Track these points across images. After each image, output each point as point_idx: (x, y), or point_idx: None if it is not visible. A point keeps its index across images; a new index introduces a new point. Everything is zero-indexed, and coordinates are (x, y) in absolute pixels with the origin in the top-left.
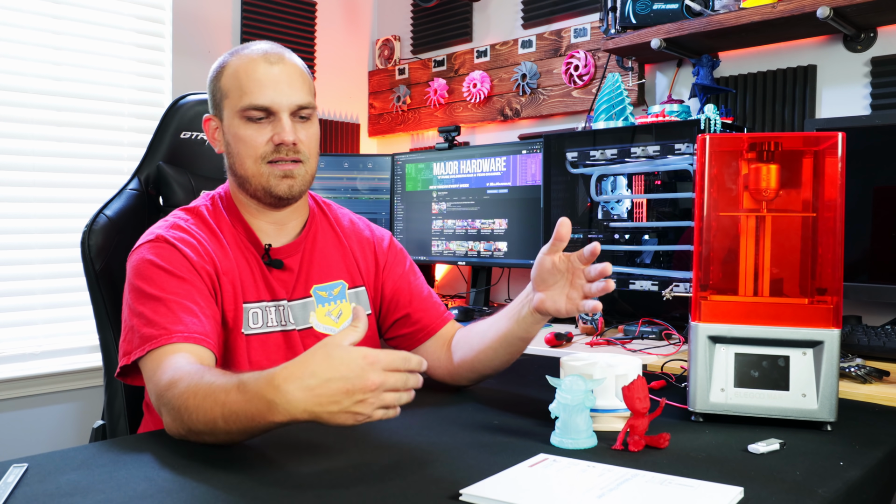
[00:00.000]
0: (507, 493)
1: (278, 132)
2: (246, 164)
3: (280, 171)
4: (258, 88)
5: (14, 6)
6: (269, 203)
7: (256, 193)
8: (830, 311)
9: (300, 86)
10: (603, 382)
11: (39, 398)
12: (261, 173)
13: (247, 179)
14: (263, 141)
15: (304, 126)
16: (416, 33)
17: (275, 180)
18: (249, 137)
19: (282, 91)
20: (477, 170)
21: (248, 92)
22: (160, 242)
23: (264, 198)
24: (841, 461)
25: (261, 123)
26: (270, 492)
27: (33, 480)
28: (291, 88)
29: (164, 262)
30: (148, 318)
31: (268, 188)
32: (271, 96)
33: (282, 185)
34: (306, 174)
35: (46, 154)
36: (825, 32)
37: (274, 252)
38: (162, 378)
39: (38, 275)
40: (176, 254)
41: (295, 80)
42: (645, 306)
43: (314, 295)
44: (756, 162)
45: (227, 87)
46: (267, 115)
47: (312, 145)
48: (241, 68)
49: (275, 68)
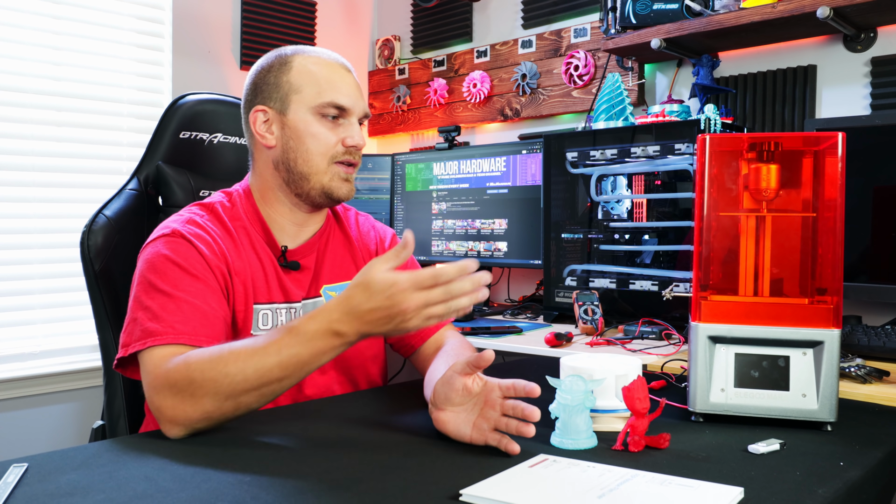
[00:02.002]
0: (507, 493)
1: (351, 135)
2: (313, 160)
3: (345, 173)
4: (339, 90)
5: (14, 6)
6: (317, 203)
7: (311, 192)
8: (830, 311)
9: (364, 95)
10: (603, 382)
11: (39, 398)
12: (326, 171)
13: (306, 176)
14: (335, 140)
15: (363, 135)
16: (416, 33)
17: (338, 181)
18: (323, 134)
19: (357, 97)
20: (477, 170)
21: (328, 90)
22: (176, 237)
23: (318, 197)
24: (841, 461)
25: (334, 123)
26: (270, 491)
27: (33, 480)
28: (362, 96)
29: (179, 257)
30: (154, 312)
31: (329, 189)
32: (351, 100)
33: (343, 187)
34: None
35: (46, 154)
36: (825, 32)
37: (290, 254)
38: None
39: (38, 275)
40: (191, 250)
41: (361, 89)
42: (645, 306)
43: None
44: (756, 162)
45: (301, 83)
46: (340, 116)
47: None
48: (317, 68)
49: (350, 75)
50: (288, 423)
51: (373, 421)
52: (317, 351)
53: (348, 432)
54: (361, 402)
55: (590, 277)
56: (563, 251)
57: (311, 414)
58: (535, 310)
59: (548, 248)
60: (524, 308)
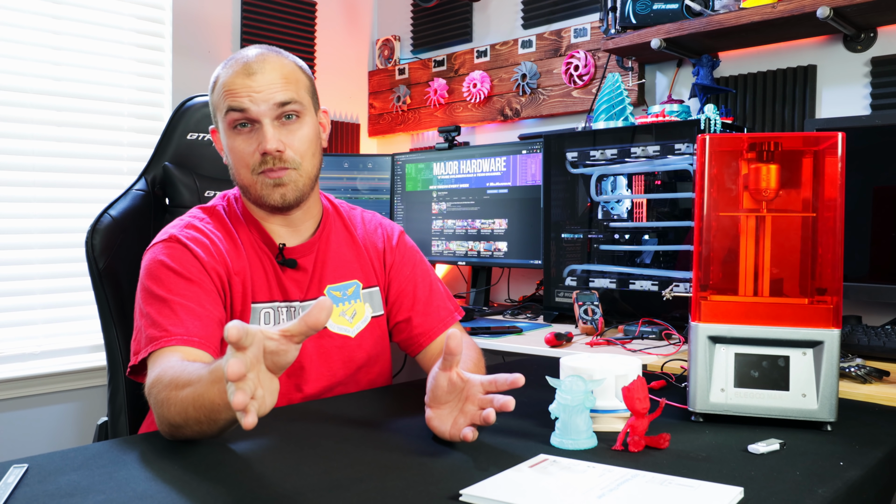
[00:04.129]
0: (507, 493)
1: (261, 141)
2: (241, 174)
3: (270, 180)
4: (236, 97)
5: (14, 6)
6: (269, 211)
7: (256, 202)
8: (830, 311)
9: (282, 84)
10: (603, 383)
11: (39, 398)
12: (254, 183)
13: (245, 189)
14: (251, 151)
15: (293, 129)
16: (416, 33)
17: (267, 190)
18: (238, 148)
19: (259, 96)
20: (477, 170)
21: (227, 99)
22: (172, 242)
23: (263, 207)
24: (841, 461)
25: (248, 133)
26: (270, 492)
27: (33, 481)
28: (270, 89)
29: (174, 262)
30: (153, 318)
31: (261, 198)
32: (248, 103)
33: (274, 194)
34: (300, 178)
35: (46, 154)
36: (825, 32)
37: (288, 252)
38: (154, 372)
39: (39, 275)
40: (187, 254)
41: (275, 80)
42: (645, 306)
43: (328, 295)
44: (756, 162)
45: (216, 101)
46: (251, 122)
47: (303, 148)
48: (225, 80)
49: (254, 74)
50: (288, 423)
51: (373, 421)
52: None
53: (348, 432)
54: (361, 402)
55: (590, 277)
56: (563, 251)
57: (311, 414)
58: (535, 310)
59: (548, 248)
60: (524, 308)
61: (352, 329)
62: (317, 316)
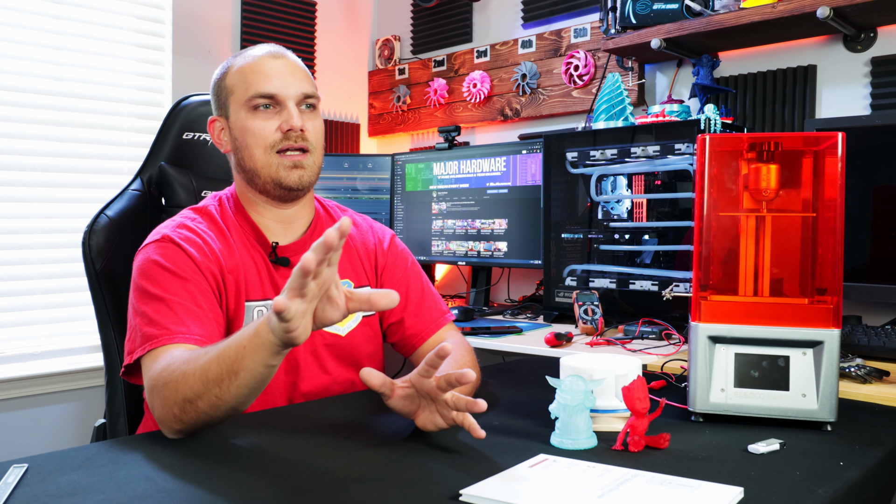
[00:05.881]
0: (507, 493)
1: (286, 119)
2: (255, 155)
3: (289, 161)
4: (264, 79)
5: (14, 6)
6: (278, 196)
7: (266, 186)
8: (830, 311)
9: (304, 77)
10: (603, 382)
11: (39, 398)
12: (270, 164)
13: (256, 172)
14: (272, 129)
15: (311, 117)
16: (416, 33)
17: (284, 171)
18: (258, 127)
19: (287, 81)
20: (477, 170)
21: (253, 83)
22: (165, 242)
23: (274, 190)
24: (841, 461)
25: (268, 113)
26: (270, 492)
27: (33, 481)
28: (295, 78)
29: (168, 262)
30: (150, 317)
31: (277, 179)
32: (277, 85)
33: (292, 175)
34: (314, 165)
35: (46, 154)
36: (825, 32)
37: (281, 250)
38: (157, 367)
39: (38, 275)
40: (180, 254)
41: (298, 72)
42: (645, 306)
43: None
44: (756, 162)
45: (233, 84)
46: (273, 104)
47: (319, 136)
48: (246, 66)
49: (278, 61)
50: (288, 423)
51: (373, 421)
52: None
53: (348, 432)
54: (361, 402)
55: (590, 277)
56: (563, 251)
57: (311, 414)
58: (535, 310)
59: (548, 248)
60: (524, 308)
61: (342, 328)
62: (378, 300)
